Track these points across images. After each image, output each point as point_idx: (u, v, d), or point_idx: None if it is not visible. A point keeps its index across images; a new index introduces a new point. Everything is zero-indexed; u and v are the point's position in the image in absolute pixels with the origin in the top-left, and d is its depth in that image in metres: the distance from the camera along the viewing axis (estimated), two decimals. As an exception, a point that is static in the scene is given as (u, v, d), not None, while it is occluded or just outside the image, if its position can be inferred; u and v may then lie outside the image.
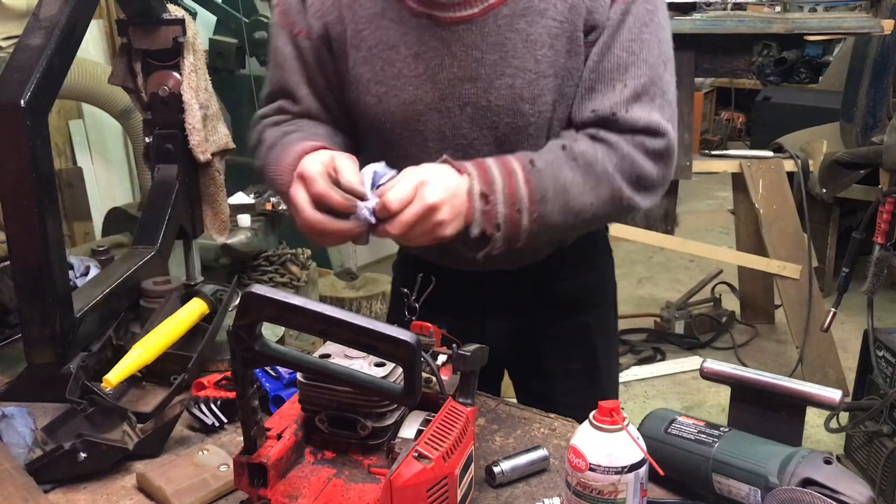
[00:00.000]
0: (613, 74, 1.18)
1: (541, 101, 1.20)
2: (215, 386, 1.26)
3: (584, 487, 0.91)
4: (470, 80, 1.20)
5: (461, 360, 0.99)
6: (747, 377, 1.08)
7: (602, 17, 1.17)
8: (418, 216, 1.08)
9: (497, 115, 1.21)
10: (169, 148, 1.54)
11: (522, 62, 1.18)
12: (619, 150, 1.17)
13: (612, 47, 1.17)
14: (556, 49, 1.18)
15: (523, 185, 1.13)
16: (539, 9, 1.17)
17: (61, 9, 1.22)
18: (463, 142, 1.23)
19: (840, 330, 3.63)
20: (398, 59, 1.21)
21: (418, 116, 1.23)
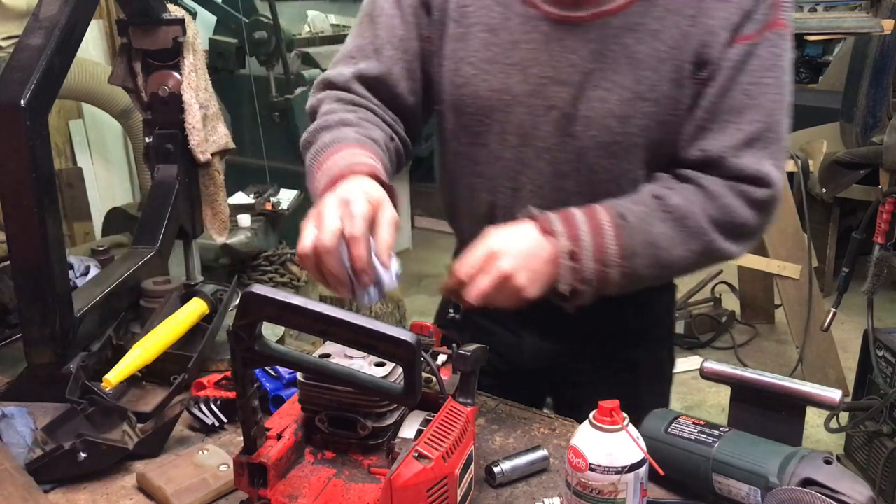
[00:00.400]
0: (728, 116, 1.13)
1: (632, 122, 1.14)
2: (215, 386, 1.25)
3: (584, 487, 0.91)
4: (561, 84, 1.15)
5: (461, 359, 0.99)
6: (747, 377, 1.08)
7: (717, 53, 1.11)
8: (493, 286, 1.07)
9: (583, 125, 1.16)
10: (169, 148, 1.54)
11: (622, 79, 1.13)
12: (719, 201, 1.13)
13: (731, 89, 1.12)
14: (661, 74, 1.13)
15: (612, 242, 1.10)
16: (651, 29, 1.12)
17: (61, 9, 1.22)
18: (541, 144, 1.19)
19: (840, 330, 3.63)
20: (495, 44, 1.18)
21: (503, 107, 1.19)
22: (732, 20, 1.11)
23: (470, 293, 1.08)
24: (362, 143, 1.13)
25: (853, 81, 4.12)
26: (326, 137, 1.15)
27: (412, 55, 1.25)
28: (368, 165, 1.07)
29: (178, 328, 1.31)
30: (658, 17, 1.12)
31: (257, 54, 3.61)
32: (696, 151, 1.15)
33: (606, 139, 1.16)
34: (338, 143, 1.13)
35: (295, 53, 3.72)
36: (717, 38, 1.11)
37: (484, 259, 1.08)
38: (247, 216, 3.17)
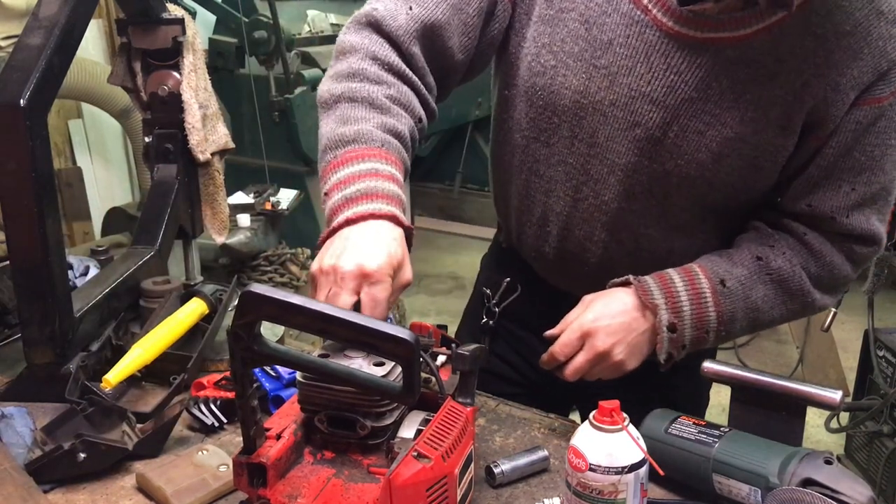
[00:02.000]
0: (844, 175, 1.07)
1: (725, 161, 1.06)
2: (215, 386, 1.25)
3: (584, 487, 0.91)
4: (653, 103, 1.05)
5: (460, 359, 0.99)
6: (747, 377, 1.08)
7: (838, 112, 1.04)
8: (590, 363, 1.06)
9: (669, 152, 1.07)
10: (168, 148, 1.54)
11: (726, 115, 1.04)
12: (823, 259, 1.10)
13: (853, 150, 1.06)
14: (769, 118, 1.04)
15: (713, 310, 1.07)
16: (770, 70, 1.02)
17: (61, 8, 1.22)
18: (614, 158, 1.10)
19: (840, 330, 3.63)
20: (584, 38, 1.06)
21: (578, 109, 1.09)
22: (864, 80, 1.03)
23: (567, 371, 1.08)
24: (387, 149, 1.02)
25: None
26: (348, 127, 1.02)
27: (475, 9, 1.10)
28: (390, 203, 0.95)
29: (177, 328, 1.31)
30: (780, 59, 1.02)
31: (257, 54, 3.60)
32: (804, 206, 1.10)
33: (693, 173, 1.08)
34: (360, 143, 1.01)
35: (295, 53, 3.72)
36: (842, 96, 1.03)
37: (579, 338, 1.07)
38: (246, 216, 3.16)
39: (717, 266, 1.10)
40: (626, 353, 1.07)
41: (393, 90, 1.06)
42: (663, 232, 1.16)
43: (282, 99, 3.62)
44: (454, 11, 1.09)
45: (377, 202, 0.95)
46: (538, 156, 1.17)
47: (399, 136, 1.04)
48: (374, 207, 0.94)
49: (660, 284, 1.09)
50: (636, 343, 1.08)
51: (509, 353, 1.38)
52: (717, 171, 1.08)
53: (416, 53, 1.09)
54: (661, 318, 1.06)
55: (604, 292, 1.12)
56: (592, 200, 1.15)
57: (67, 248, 2.49)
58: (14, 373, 1.31)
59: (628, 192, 1.13)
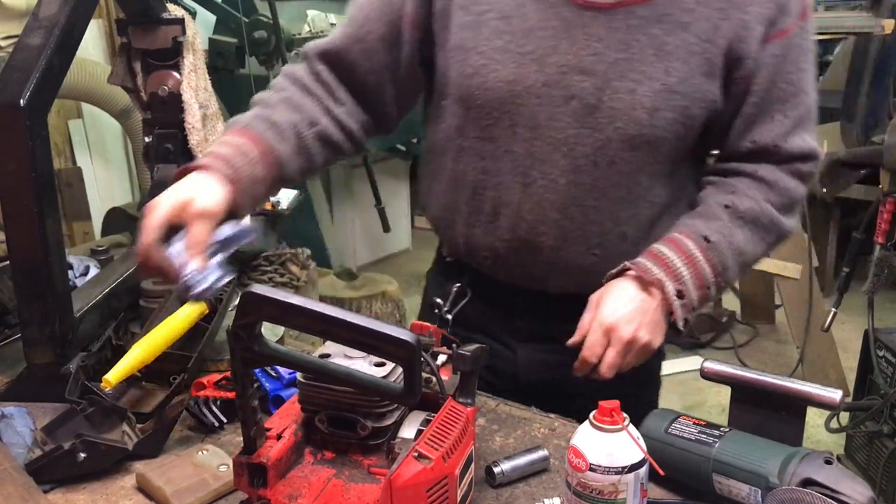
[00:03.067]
0: (776, 107, 1.16)
1: (660, 115, 1.13)
2: (215, 386, 1.25)
3: (584, 487, 0.91)
4: (583, 73, 1.12)
5: (461, 359, 0.99)
6: (747, 377, 1.08)
7: (751, 48, 1.12)
8: (621, 354, 1.10)
9: (607, 117, 1.13)
10: (168, 148, 1.54)
11: (651, 70, 1.11)
12: (778, 186, 1.18)
13: (777, 82, 1.15)
14: (691, 67, 1.12)
15: (707, 266, 1.14)
16: (681, 21, 1.11)
17: (61, 8, 1.22)
18: (557, 136, 1.15)
19: (840, 330, 3.63)
20: (507, 32, 1.14)
21: (514, 98, 1.15)
22: (767, 14, 1.12)
23: (603, 370, 1.11)
24: (248, 129, 1.16)
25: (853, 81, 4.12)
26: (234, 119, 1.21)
27: (375, 38, 1.23)
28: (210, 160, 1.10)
29: (177, 328, 1.30)
30: (687, 9, 1.11)
31: (257, 54, 3.60)
32: (748, 143, 1.18)
33: (632, 132, 1.14)
34: (230, 126, 1.18)
35: (295, 53, 3.72)
36: (751, 32, 1.12)
37: (603, 335, 1.11)
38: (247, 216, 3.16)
39: (695, 227, 1.17)
40: (650, 334, 1.11)
41: (288, 92, 1.24)
42: (611, 203, 1.20)
43: (282, 99, 3.61)
44: (353, 41, 1.24)
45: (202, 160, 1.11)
46: (484, 153, 1.22)
47: (274, 124, 1.18)
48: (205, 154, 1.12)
49: (654, 260, 1.14)
50: (654, 321, 1.12)
51: None
52: (654, 127, 1.14)
53: (321, 70, 1.26)
54: (668, 289, 1.12)
55: (607, 288, 1.15)
56: (542, 182, 1.19)
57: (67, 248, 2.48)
58: (14, 373, 1.31)
59: (574, 167, 1.17)
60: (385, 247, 5.00)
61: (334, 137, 1.25)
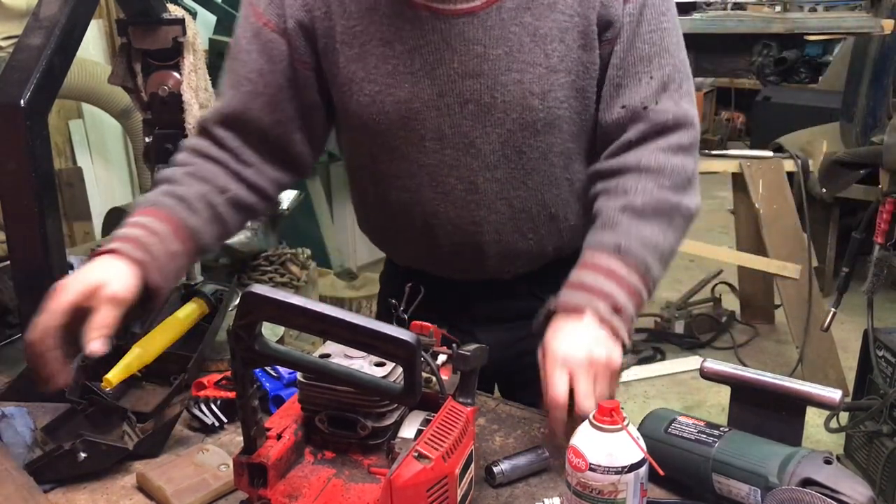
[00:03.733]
0: (639, 67, 1.16)
1: (551, 96, 1.16)
2: (215, 386, 1.25)
3: (584, 487, 0.91)
4: (472, 77, 1.15)
5: (461, 359, 0.99)
6: (747, 377, 1.08)
7: (617, 11, 1.15)
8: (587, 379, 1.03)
9: (504, 111, 1.17)
10: (169, 148, 1.53)
11: (531, 56, 1.15)
12: (665, 169, 1.16)
13: (635, 42, 1.16)
14: (567, 43, 1.15)
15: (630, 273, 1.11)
16: (546, 2, 1.14)
17: (61, 8, 1.22)
18: (463, 140, 1.19)
19: (840, 330, 3.63)
20: (393, 56, 1.16)
21: (415, 115, 1.18)
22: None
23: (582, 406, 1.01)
24: (157, 207, 1.14)
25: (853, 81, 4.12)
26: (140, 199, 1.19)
27: (274, 88, 1.21)
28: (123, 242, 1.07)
29: (178, 328, 1.31)
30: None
31: (257, 54, 3.60)
32: (619, 109, 1.18)
33: (530, 118, 1.17)
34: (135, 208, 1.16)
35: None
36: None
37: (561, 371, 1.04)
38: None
39: (602, 240, 1.14)
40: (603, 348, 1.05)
41: (194, 167, 1.21)
42: (531, 190, 1.23)
43: (282, 99, 3.61)
44: (251, 97, 1.22)
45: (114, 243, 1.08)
46: (400, 172, 1.24)
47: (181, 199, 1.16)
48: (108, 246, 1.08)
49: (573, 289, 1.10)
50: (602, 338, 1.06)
51: None
52: (549, 108, 1.17)
53: (222, 136, 1.23)
54: (600, 308, 1.08)
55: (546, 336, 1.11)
56: (460, 186, 1.21)
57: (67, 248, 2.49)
58: (14, 373, 1.31)
59: (487, 164, 1.20)
60: (385, 247, 5.00)
61: (247, 201, 1.24)
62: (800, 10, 3.44)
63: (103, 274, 1.02)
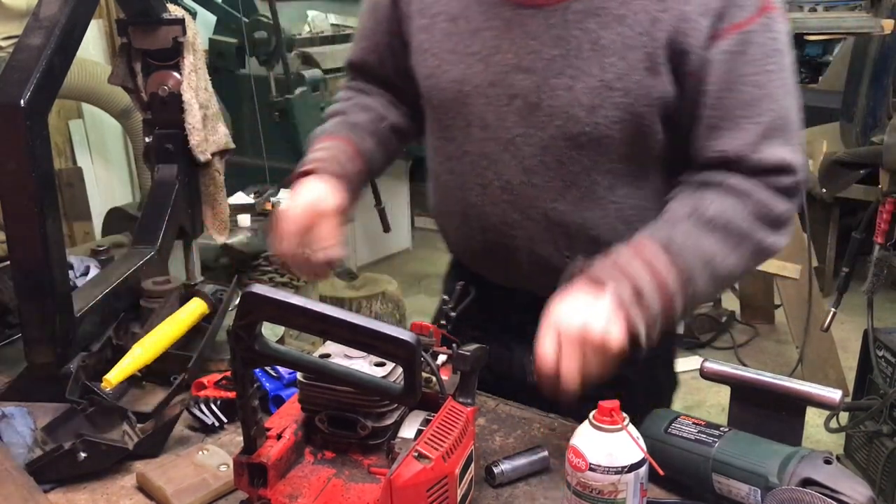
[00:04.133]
0: (740, 112, 1.08)
1: (600, 112, 1.10)
2: (215, 386, 1.25)
3: (584, 487, 0.91)
4: (523, 71, 1.12)
5: (461, 359, 0.99)
6: (747, 377, 1.08)
7: (696, 41, 1.06)
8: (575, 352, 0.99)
9: (548, 115, 1.12)
10: (169, 148, 1.54)
11: (586, 66, 1.09)
12: (752, 198, 1.09)
13: (736, 82, 1.07)
14: (629, 62, 1.08)
15: (669, 271, 1.04)
16: (616, 13, 1.07)
17: (61, 8, 1.22)
18: (506, 136, 1.16)
19: (840, 330, 3.63)
20: (456, 33, 1.16)
21: (465, 98, 1.17)
22: (712, 6, 1.06)
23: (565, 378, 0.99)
24: (335, 134, 1.27)
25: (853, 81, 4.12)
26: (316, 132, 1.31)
27: (383, 47, 1.31)
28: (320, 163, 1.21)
29: (178, 328, 1.31)
30: (623, 2, 1.08)
31: (257, 54, 3.60)
32: (713, 153, 1.10)
33: (573, 130, 1.12)
34: (316, 138, 1.28)
35: (295, 53, 3.72)
36: (693, 24, 1.06)
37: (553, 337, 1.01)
38: (247, 216, 3.16)
39: (658, 231, 1.09)
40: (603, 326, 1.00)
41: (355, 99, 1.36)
42: (570, 205, 1.17)
43: (282, 99, 3.62)
44: (367, 52, 1.35)
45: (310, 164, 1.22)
46: (448, 153, 1.24)
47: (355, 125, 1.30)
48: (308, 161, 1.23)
49: (607, 266, 1.05)
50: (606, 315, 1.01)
51: None
52: (596, 125, 1.11)
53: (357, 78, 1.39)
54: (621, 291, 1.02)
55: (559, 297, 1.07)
56: (497, 183, 1.19)
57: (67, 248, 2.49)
58: (14, 373, 1.31)
59: (524, 167, 1.17)
60: (385, 247, 5.00)
61: (402, 126, 1.35)
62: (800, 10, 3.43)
63: (314, 193, 1.17)
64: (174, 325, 1.31)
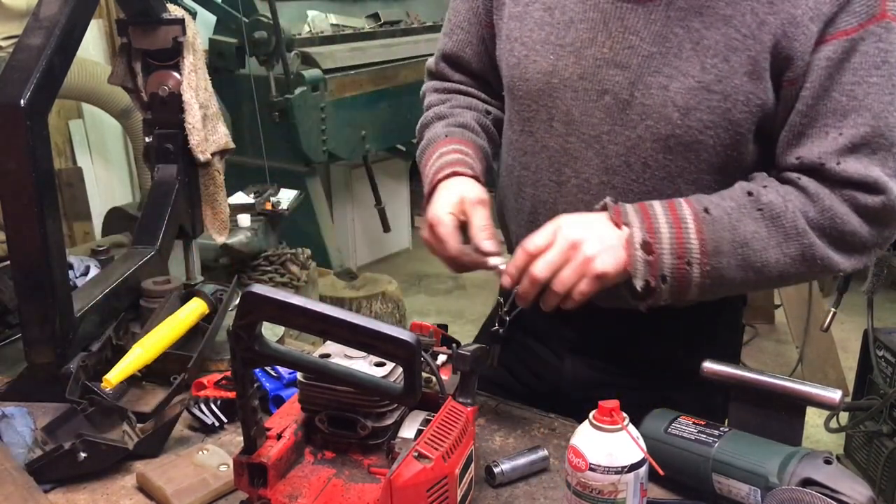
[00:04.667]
0: (828, 120, 1.02)
1: (695, 115, 1.05)
2: (215, 386, 1.25)
3: (584, 487, 0.91)
4: (617, 67, 1.08)
5: (461, 359, 0.99)
6: (747, 377, 1.08)
7: (803, 47, 1.01)
8: (561, 254, 1.00)
9: (639, 114, 1.08)
10: (169, 148, 1.54)
11: (686, 66, 1.04)
12: (820, 203, 1.03)
13: (830, 90, 1.01)
14: (732, 65, 1.03)
15: (694, 235, 1.01)
16: (722, 14, 1.03)
17: (61, 8, 1.22)
18: (590, 132, 1.12)
19: (840, 330, 3.63)
20: (549, 23, 1.13)
21: (551, 91, 1.13)
22: (824, 11, 1.00)
23: (538, 266, 1.01)
24: (451, 137, 1.24)
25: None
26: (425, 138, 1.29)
27: (478, 38, 1.29)
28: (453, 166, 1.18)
29: (178, 328, 1.31)
30: (731, 2, 1.03)
31: (257, 54, 3.60)
32: (793, 160, 1.05)
33: (664, 131, 1.07)
34: (432, 144, 1.25)
35: (295, 53, 3.72)
36: (802, 29, 1.01)
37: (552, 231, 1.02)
38: (247, 216, 3.17)
39: (703, 198, 1.06)
40: (598, 249, 1.00)
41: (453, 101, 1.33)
42: None
43: (282, 99, 3.62)
44: (463, 45, 1.32)
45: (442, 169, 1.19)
46: (525, 147, 1.21)
47: (464, 126, 1.27)
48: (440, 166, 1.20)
49: (637, 208, 1.05)
50: (610, 244, 1.01)
51: (516, 365, 1.36)
52: (689, 128, 1.06)
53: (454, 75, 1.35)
54: (634, 234, 1.01)
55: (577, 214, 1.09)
56: (575, 181, 1.16)
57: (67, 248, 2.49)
58: (14, 373, 1.31)
59: (607, 166, 1.12)
60: (385, 247, 5.00)
61: (501, 117, 1.32)
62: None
63: (458, 191, 1.15)
64: (174, 325, 1.31)
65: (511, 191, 1.27)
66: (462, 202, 1.13)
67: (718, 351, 1.15)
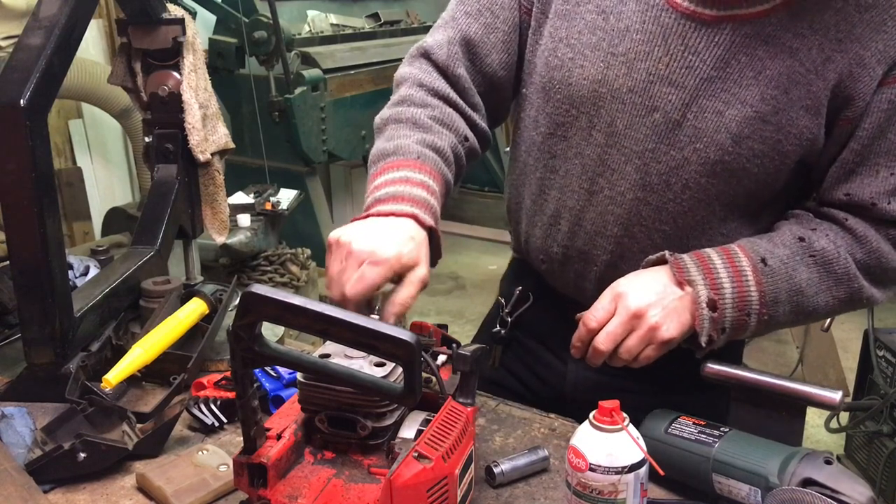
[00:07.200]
0: (881, 159, 1.03)
1: (746, 143, 1.03)
2: (215, 386, 1.25)
3: (584, 487, 0.91)
4: (672, 85, 1.04)
5: (461, 360, 0.99)
6: (747, 377, 1.08)
7: (866, 88, 1.01)
8: (624, 326, 0.99)
9: (689, 136, 1.05)
10: (169, 148, 1.54)
11: (745, 93, 1.02)
12: (867, 245, 1.05)
13: (888, 131, 1.02)
14: (791, 97, 1.02)
15: (754, 288, 1.02)
16: (789, 45, 1.00)
17: (61, 8, 1.22)
18: (633, 148, 1.08)
19: (840, 330, 3.63)
20: (602, 28, 1.07)
21: (596, 99, 1.08)
22: (891, 54, 1.00)
23: (600, 339, 1.01)
24: (423, 161, 1.09)
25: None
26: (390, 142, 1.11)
27: (511, 26, 1.18)
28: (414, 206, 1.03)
29: (177, 328, 1.31)
30: (799, 34, 1.01)
31: (257, 54, 3.60)
32: (842, 195, 1.06)
33: (713, 157, 1.05)
34: (398, 156, 1.09)
35: (295, 53, 3.72)
36: (868, 71, 1.01)
37: (611, 301, 1.01)
38: (246, 216, 3.17)
39: (757, 246, 1.05)
40: (662, 316, 1.00)
41: (436, 112, 1.15)
42: (679, 230, 1.12)
43: (282, 99, 3.62)
44: (489, 30, 1.17)
45: (401, 204, 1.02)
46: (555, 151, 1.16)
47: (438, 151, 1.11)
48: (396, 208, 1.01)
49: (697, 261, 1.04)
50: (673, 308, 1.01)
51: (518, 367, 1.35)
52: (738, 156, 1.04)
53: (461, 75, 1.18)
54: (700, 293, 1.01)
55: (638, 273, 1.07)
56: (608, 192, 1.13)
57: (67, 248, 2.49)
58: (14, 373, 1.31)
59: (645, 183, 1.10)
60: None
61: (477, 148, 1.23)
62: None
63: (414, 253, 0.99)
64: (174, 325, 1.31)
65: (529, 190, 1.23)
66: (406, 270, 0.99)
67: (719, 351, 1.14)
